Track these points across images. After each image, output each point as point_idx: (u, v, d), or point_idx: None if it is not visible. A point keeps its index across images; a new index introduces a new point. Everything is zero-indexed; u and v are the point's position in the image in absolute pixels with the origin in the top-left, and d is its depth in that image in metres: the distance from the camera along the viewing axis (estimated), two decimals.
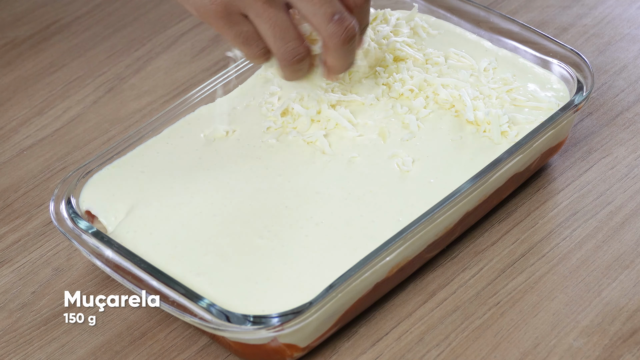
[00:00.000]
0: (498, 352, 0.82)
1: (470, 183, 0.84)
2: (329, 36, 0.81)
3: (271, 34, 0.80)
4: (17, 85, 1.08)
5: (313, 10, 0.80)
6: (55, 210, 0.85)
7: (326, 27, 0.80)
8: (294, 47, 0.81)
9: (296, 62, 0.82)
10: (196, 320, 0.77)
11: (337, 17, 0.80)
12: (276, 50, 0.81)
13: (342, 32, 0.80)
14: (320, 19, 0.80)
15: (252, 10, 0.80)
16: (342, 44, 0.81)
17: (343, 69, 0.85)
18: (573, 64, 0.93)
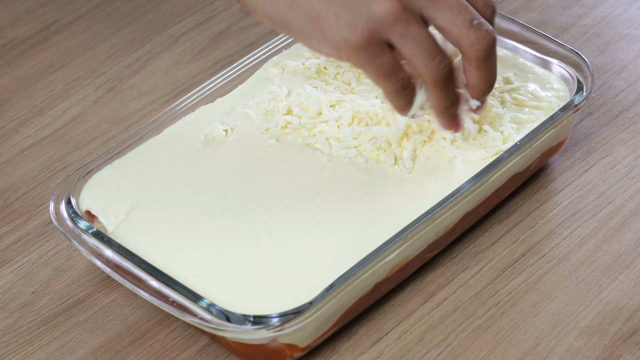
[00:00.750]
0: (498, 352, 0.82)
1: (470, 183, 0.84)
2: (471, 44, 0.77)
3: (420, 52, 0.76)
4: (17, 85, 1.08)
5: (452, 18, 0.76)
6: (55, 210, 0.85)
7: (467, 34, 0.76)
8: (441, 59, 0.77)
9: (447, 75, 0.78)
10: (196, 320, 0.77)
11: (477, 22, 0.77)
12: (425, 67, 0.77)
13: (484, 37, 0.77)
14: (460, 27, 0.76)
15: (396, 32, 0.76)
16: (485, 49, 0.77)
17: (489, 83, 0.80)
18: (573, 64, 0.93)
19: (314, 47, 0.79)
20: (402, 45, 0.77)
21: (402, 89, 0.79)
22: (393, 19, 0.76)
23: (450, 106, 0.81)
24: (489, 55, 0.78)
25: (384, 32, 0.76)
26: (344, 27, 0.76)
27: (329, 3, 0.76)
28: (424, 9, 0.77)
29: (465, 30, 0.77)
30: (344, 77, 0.94)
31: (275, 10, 0.77)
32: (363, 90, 0.93)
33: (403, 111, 0.82)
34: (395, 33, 0.76)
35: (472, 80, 0.80)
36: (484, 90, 0.81)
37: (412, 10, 0.76)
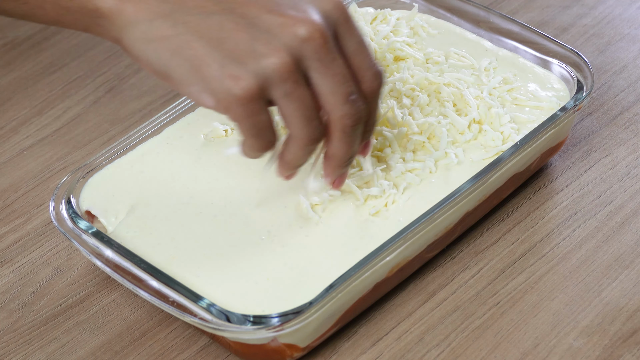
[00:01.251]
0: (498, 352, 0.82)
1: (470, 183, 0.84)
2: (340, 117, 0.75)
3: (299, 114, 0.74)
4: (17, 85, 1.08)
5: (333, 88, 0.74)
6: (55, 210, 0.85)
7: (342, 107, 0.74)
8: (316, 125, 0.75)
9: (316, 141, 0.76)
10: (196, 320, 0.77)
11: (353, 97, 0.75)
12: (299, 129, 0.75)
13: (355, 113, 0.75)
14: (337, 98, 0.74)
15: (281, 90, 0.73)
16: (351, 125, 0.76)
17: (344, 160, 0.78)
18: (573, 64, 0.93)
19: (193, 96, 0.74)
20: (283, 104, 0.74)
21: (265, 148, 0.76)
22: (281, 77, 0.72)
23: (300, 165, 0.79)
24: (353, 131, 0.76)
25: (268, 88, 0.73)
26: (227, 78, 0.72)
27: (214, 52, 0.72)
28: (311, 70, 0.73)
29: (341, 103, 0.74)
30: None
31: (157, 57, 0.73)
32: None
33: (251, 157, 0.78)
34: (280, 91, 0.73)
35: (331, 151, 0.78)
36: (339, 163, 0.79)
37: (301, 69, 0.73)
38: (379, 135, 0.87)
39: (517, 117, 0.90)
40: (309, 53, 0.73)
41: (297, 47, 0.72)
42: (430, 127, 0.88)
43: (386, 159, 0.87)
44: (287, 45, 0.72)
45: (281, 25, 0.72)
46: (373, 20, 0.99)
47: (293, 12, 0.73)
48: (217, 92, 0.73)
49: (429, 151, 0.87)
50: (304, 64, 0.73)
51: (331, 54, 0.73)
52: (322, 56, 0.73)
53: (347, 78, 0.75)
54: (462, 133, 0.88)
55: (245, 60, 0.72)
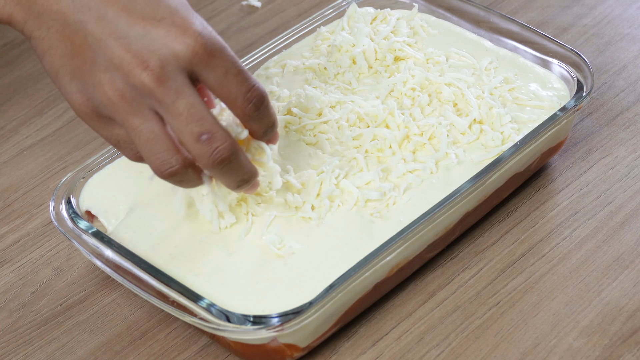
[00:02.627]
0: (498, 352, 0.82)
1: (470, 183, 0.84)
2: (197, 156, 0.73)
3: (138, 143, 0.73)
4: (17, 85, 1.08)
5: (179, 127, 0.72)
6: (55, 210, 0.85)
7: (194, 147, 0.73)
8: (165, 158, 0.73)
9: (169, 176, 0.74)
10: (196, 320, 0.77)
11: (206, 137, 0.72)
12: (149, 162, 0.74)
13: (211, 153, 0.73)
14: (187, 138, 0.72)
15: (117, 118, 0.73)
16: (212, 166, 0.74)
17: (233, 186, 0.77)
18: (573, 64, 0.93)
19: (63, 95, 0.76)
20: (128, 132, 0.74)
21: (139, 159, 0.76)
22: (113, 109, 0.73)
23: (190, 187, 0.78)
24: (220, 168, 0.74)
25: (106, 113, 0.74)
26: (73, 94, 0.74)
27: (65, 66, 0.74)
28: (155, 108, 0.73)
29: (192, 143, 0.73)
30: (344, 77, 0.94)
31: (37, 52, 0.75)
32: (363, 90, 0.93)
33: None
34: (116, 119, 0.74)
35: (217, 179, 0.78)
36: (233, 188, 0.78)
37: (140, 103, 0.72)
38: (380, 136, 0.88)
39: (518, 116, 0.90)
40: (146, 95, 0.72)
41: (130, 89, 0.72)
42: (430, 128, 0.88)
43: (387, 160, 0.87)
44: (121, 83, 0.72)
45: (119, 62, 0.72)
46: (373, 20, 0.99)
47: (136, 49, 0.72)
48: (68, 102, 0.75)
49: (430, 152, 0.87)
50: (145, 101, 0.72)
51: (170, 96, 0.72)
52: (160, 98, 0.72)
53: (193, 117, 0.72)
54: (464, 134, 0.88)
55: (86, 82, 0.73)
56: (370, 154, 0.87)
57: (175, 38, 0.72)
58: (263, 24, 1.13)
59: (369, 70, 0.95)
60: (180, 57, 0.72)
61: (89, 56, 0.73)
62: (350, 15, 0.99)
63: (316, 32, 1.00)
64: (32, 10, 0.75)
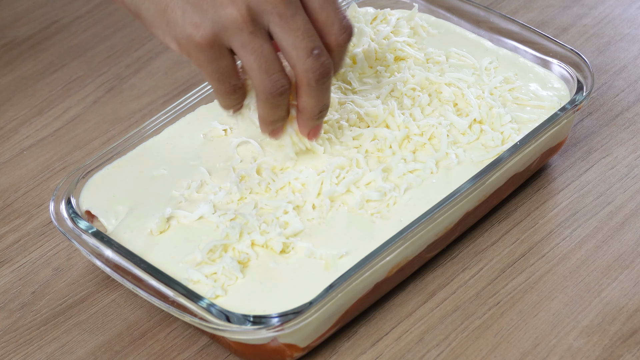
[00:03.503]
0: (498, 352, 0.82)
1: (470, 183, 0.84)
2: (305, 71, 0.77)
3: (256, 65, 0.76)
4: (17, 85, 1.08)
5: (295, 42, 0.76)
6: (55, 210, 0.85)
7: (304, 62, 0.77)
8: (278, 78, 0.77)
9: (279, 95, 0.78)
10: (196, 320, 0.77)
11: (317, 52, 0.77)
12: (259, 81, 0.78)
13: (319, 67, 0.77)
14: (300, 52, 0.77)
15: (238, 40, 0.76)
16: (317, 79, 0.78)
17: (314, 113, 0.81)
18: (573, 64, 0.93)
19: (159, 37, 0.78)
20: (241, 55, 0.77)
21: (232, 93, 0.80)
22: (237, 27, 0.75)
23: (275, 121, 0.82)
24: (320, 85, 0.78)
25: (226, 38, 0.76)
26: (188, 25, 0.75)
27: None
28: (271, 25, 0.76)
29: (303, 57, 0.77)
30: (344, 77, 0.94)
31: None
32: (364, 90, 0.93)
33: (227, 109, 0.83)
34: (236, 41, 0.76)
35: (301, 105, 0.81)
36: (310, 116, 0.81)
37: (259, 22, 0.76)
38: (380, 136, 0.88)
39: (518, 116, 0.90)
40: (269, 8, 0.75)
41: (256, 2, 0.75)
42: (431, 128, 0.88)
43: (387, 160, 0.87)
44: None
45: None
46: (373, 20, 0.99)
47: None
48: (179, 37, 0.76)
49: (430, 152, 0.87)
50: (264, 18, 0.75)
51: (291, 10, 0.76)
52: (282, 11, 0.75)
53: (308, 33, 0.76)
54: (464, 134, 0.88)
55: (205, 8, 0.75)
56: (370, 153, 0.87)
57: None
58: None
59: (369, 70, 0.95)
60: None
61: None
62: (351, 15, 0.99)
63: None
64: None
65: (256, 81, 0.78)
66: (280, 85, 0.78)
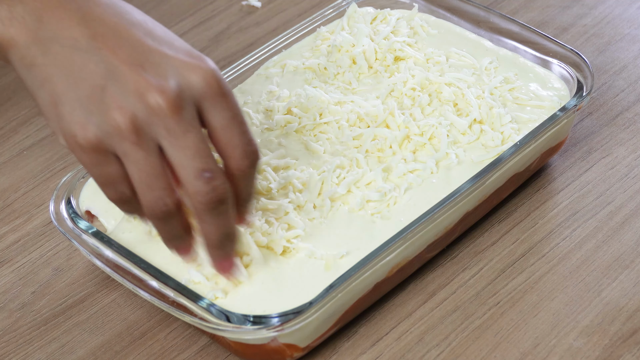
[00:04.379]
0: (498, 352, 0.82)
1: (470, 183, 0.84)
2: (193, 193, 0.71)
3: (137, 178, 0.71)
4: (17, 85, 1.08)
5: (183, 162, 0.71)
6: (55, 210, 0.85)
7: (193, 183, 0.71)
8: (160, 196, 0.71)
9: (162, 214, 0.72)
10: (196, 320, 0.77)
11: (208, 175, 0.71)
12: (141, 196, 0.72)
13: (209, 191, 0.71)
14: (188, 173, 0.71)
15: (120, 149, 0.70)
16: (207, 204, 0.72)
17: (214, 239, 0.75)
18: (573, 64, 0.93)
19: (51, 128, 0.73)
20: (125, 164, 0.71)
21: (121, 201, 0.73)
22: (120, 135, 0.70)
23: (173, 239, 0.76)
24: (211, 210, 0.72)
25: (109, 144, 0.71)
26: (74, 124, 0.70)
27: (70, 92, 0.70)
28: (160, 139, 0.71)
29: (191, 179, 0.71)
30: (344, 77, 0.94)
31: (30, 83, 0.72)
32: (364, 90, 0.93)
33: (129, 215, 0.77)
34: (119, 150, 0.71)
35: (200, 231, 0.75)
36: (210, 244, 0.76)
37: (146, 133, 0.70)
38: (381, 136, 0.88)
39: (518, 116, 0.90)
40: (156, 120, 0.70)
41: (143, 114, 0.70)
42: (431, 128, 0.88)
43: (387, 160, 0.87)
44: (134, 108, 0.70)
45: (134, 86, 0.70)
46: (373, 20, 0.99)
47: (152, 75, 0.70)
48: (65, 134, 0.72)
49: (430, 152, 0.87)
50: (152, 131, 0.70)
51: (182, 126, 0.70)
52: (171, 126, 0.70)
53: (200, 153, 0.71)
54: (464, 134, 0.88)
55: (92, 110, 0.70)
56: (370, 154, 0.87)
57: (192, 69, 0.71)
58: (263, 24, 1.13)
59: (369, 70, 0.95)
60: (195, 89, 0.70)
61: (99, 83, 0.70)
62: (350, 15, 0.99)
63: (316, 32, 1.00)
64: (39, 35, 0.71)
65: (139, 195, 0.72)
66: (163, 204, 0.72)
